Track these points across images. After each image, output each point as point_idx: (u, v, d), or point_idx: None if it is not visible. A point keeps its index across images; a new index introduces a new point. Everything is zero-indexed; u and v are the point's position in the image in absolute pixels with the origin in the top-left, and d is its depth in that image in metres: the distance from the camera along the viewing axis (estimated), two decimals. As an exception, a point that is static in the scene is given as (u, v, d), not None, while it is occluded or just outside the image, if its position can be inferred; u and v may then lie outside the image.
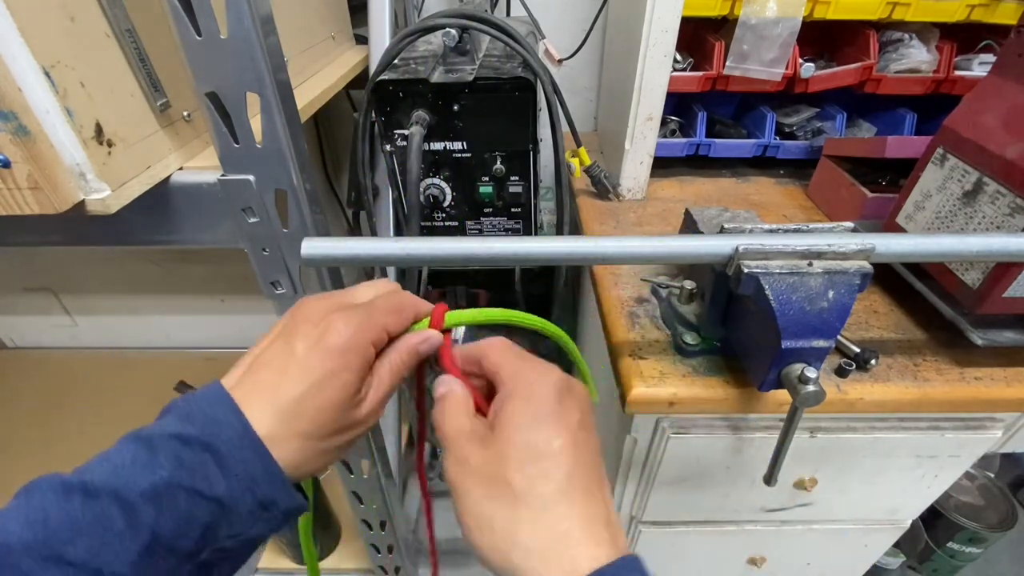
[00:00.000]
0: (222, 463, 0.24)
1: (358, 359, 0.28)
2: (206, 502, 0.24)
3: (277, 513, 0.26)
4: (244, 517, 0.25)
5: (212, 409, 0.25)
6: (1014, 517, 0.97)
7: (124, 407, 1.13)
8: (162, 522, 0.23)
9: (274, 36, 0.40)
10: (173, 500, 0.23)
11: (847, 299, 0.38)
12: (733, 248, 0.38)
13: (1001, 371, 0.49)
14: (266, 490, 0.25)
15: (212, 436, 0.25)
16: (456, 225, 0.67)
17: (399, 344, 0.31)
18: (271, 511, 0.26)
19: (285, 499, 0.26)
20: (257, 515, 0.25)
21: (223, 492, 0.24)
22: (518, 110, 0.58)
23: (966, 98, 0.52)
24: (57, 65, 0.34)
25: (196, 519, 0.24)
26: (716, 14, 0.69)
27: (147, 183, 0.42)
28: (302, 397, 0.26)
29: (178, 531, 0.23)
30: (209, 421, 0.25)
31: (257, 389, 0.26)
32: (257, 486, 0.25)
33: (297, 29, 0.64)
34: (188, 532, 0.23)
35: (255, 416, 0.26)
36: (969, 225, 0.49)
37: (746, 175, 0.86)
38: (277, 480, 0.26)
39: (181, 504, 0.23)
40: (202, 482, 0.24)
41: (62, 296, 1.23)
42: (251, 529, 0.25)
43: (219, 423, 0.25)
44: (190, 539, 0.23)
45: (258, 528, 0.26)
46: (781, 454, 0.45)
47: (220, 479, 0.24)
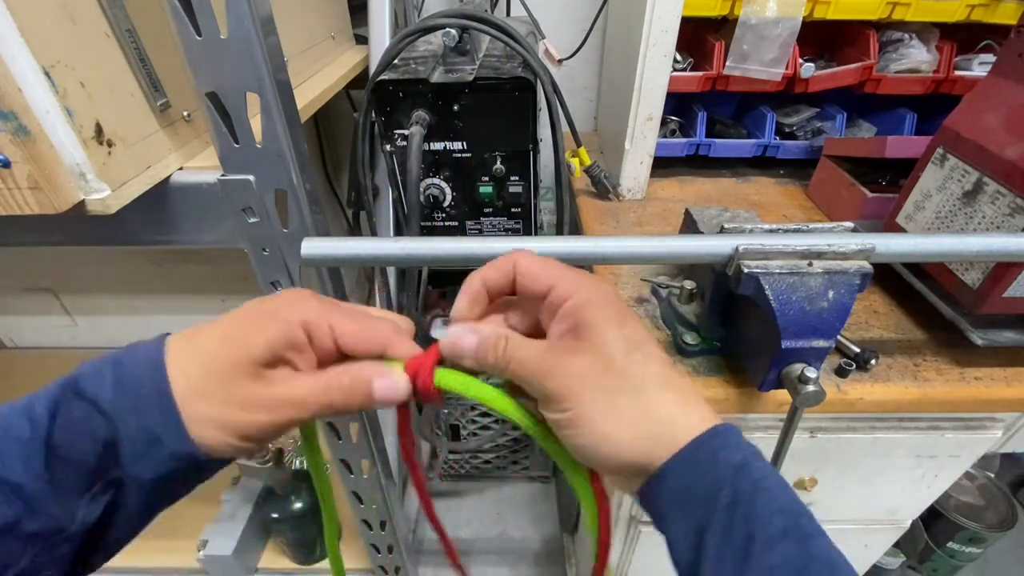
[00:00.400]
0: (121, 378, 0.24)
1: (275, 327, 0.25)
2: (97, 414, 0.23)
3: (163, 452, 0.24)
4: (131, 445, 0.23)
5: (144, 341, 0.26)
6: (1014, 517, 0.97)
7: (124, 407, 1.13)
8: (56, 428, 0.23)
9: (274, 36, 0.40)
10: (67, 408, 0.23)
11: (847, 299, 0.38)
12: (733, 248, 0.38)
13: (1001, 371, 0.49)
14: (154, 419, 0.24)
15: (126, 353, 0.25)
16: (456, 225, 0.67)
17: (349, 364, 0.27)
18: (156, 449, 0.24)
19: (171, 438, 0.24)
20: (142, 449, 0.24)
21: (110, 407, 0.23)
22: (518, 110, 0.58)
23: (966, 98, 0.52)
24: (57, 65, 0.34)
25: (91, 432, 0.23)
26: (716, 14, 0.69)
27: (147, 183, 0.42)
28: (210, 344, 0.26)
29: (73, 439, 0.23)
30: (131, 346, 0.25)
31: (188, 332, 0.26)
32: (145, 412, 0.24)
33: (297, 29, 0.64)
34: (84, 443, 0.23)
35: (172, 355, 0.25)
36: (969, 225, 0.49)
37: (746, 175, 0.86)
38: (166, 410, 0.24)
39: (73, 412, 0.23)
40: (93, 391, 0.23)
41: (62, 296, 1.23)
42: (137, 465, 0.24)
43: (138, 346, 0.25)
44: (88, 452, 0.23)
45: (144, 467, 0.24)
46: (781, 454, 0.45)
47: (111, 392, 0.24)
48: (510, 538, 1.19)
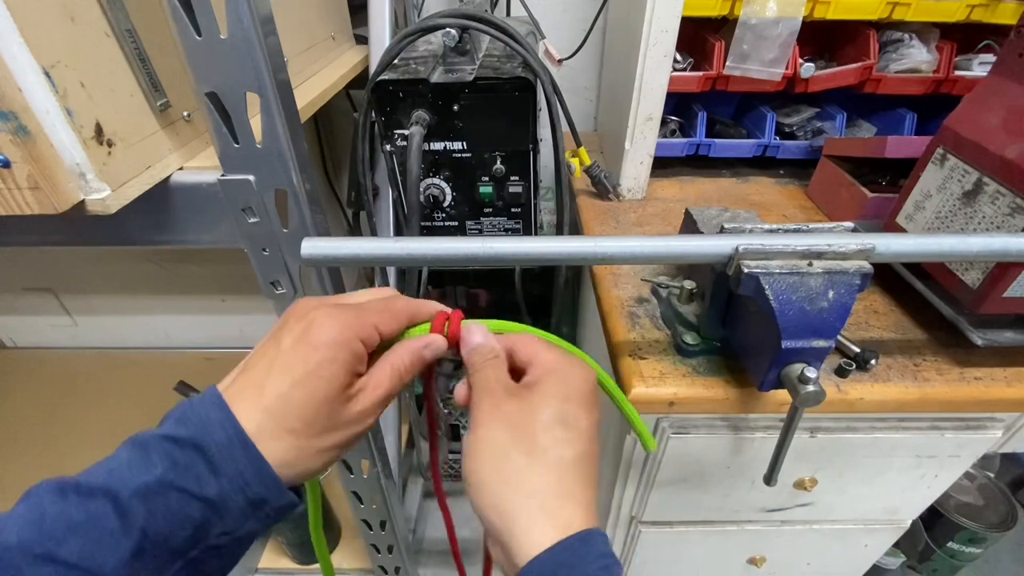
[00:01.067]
0: (212, 463, 0.25)
1: (343, 353, 0.27)
2: (197, 502, 0.24)
3: (268, 511, 0.26)
4: (235, 516, 0.25)
5: (205, 411, 0.26)
6: (1014, 517, 0.97)
7: (124, 407, 1.13)
8: (153, 521, 0.23)
9: (274, 36, 0.40)
10: (164, 499, 0.23)
11: (847, 299, 0.38)
12: (733, 248, 0.38)
13: (1001, 371, 0.49)
14: (257, 489, 0.25)
15: (203, 436, 0.25)
16: (456, 225, 0.67)
17: (400, 346, 0.31)
18: (262, 510, 0.26)
19: (276, 497, 0.26)
20: (248, 514, 0.25)
21: (214, 493, 0.24)
22: (518, 110, 0.58)
23: (966, 98, 0.52)
24: (57, 65, 0.34)
25: (187, 518, 0.24)
26: (716, 14, 0.69)
27: (147, 183, 0.42)
28: (288, 392, 0.26)
29: (169, 530, 0.23)
30: (201, 422, 0.25)
31: (246, 388, 0.27)
32: (248, 486, 0.25)
33: (297, 29, 0.64)
34: (179, 531, 0.24)
35: (244, 415, 0.26)
36: (969, 225, 0.49)
37: (746, 175, 0.86)
38: (268, 479, 0.26)
39: (172, 503, 0.23)
40: (193, 482, 0.24)
41: (62, 296, 1.23)
42: (242, 527, 0.26)
43: (210, 423, 0.25)
44: (181, 538, 0.24)
45: (249, 526, 0.26)
46: (781, 454, 0.45)
47: (211, 479, 0.24)
48: (510, 538, 1.18)
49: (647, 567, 0.74)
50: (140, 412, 1.11)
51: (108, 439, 0.25)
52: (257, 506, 0.26)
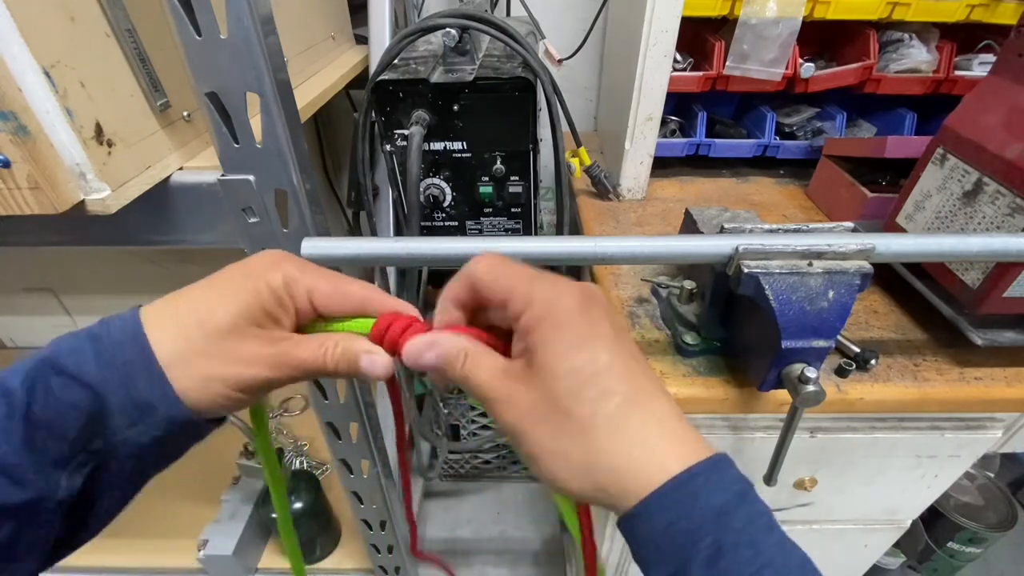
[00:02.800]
0: (100, 351, 0.24)
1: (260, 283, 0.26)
2: (80, 388, 0.23)
3: (157, 419, 0.24)
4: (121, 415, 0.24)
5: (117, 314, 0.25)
6: (1014, 517, 0.97)
7: (124, 407, 1.13)
8: (36, 404, 0.22)
9: (274, 36, 0.40)
10: (46, 382, 0.23)
11: (847, 299, 0.38)
12: (733, 248, 0.38)
13: (1001, 371, 0.49)
14: (143, 388, 0.24)
15: (99, 329, 0.25)
16: (456, 225, 0.67)
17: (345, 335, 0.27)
18: (150, 415, 0.24)
19: (164, 404, 0.24)
20: (134, 417, 0.24)
21: (96, 379, 0.23)
22: (518, 110, 0.58)
23: (966, 98, 0.52)
24: (57, 65, 0.34)
25: (72, 405, 0.23)
26: (716, 14, 0.69)
27: (147, 183, 0.42)
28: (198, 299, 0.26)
29: (55, 415, 0.23)
30: (105, 320, 0.25)
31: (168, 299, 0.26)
32: (133, 382, 0.24)
33: (297, 29, 0.64)
34: (68, 419, 0.23)
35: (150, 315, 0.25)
36: (969, 225, 0.49)
37: (746, 175, 0.86)
38: (156, 382, 0.24)
39: (54, 387, 0.23)
40: (75, 366, 0.23)
41: (62, 296, 1.23)
42: (130, 431, 0.24)
43: (112, 321, 0.25)
44: (71, 425, 0.23)
45: (138, 433, 0.24)
46: (781, 454, 0.45)
47: (92, 363, 0.23)
48: (510, 538, 1.19)
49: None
50: (140, 412, 1.11)
51: None
52: (143, 410, 0.24)
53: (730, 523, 0.20)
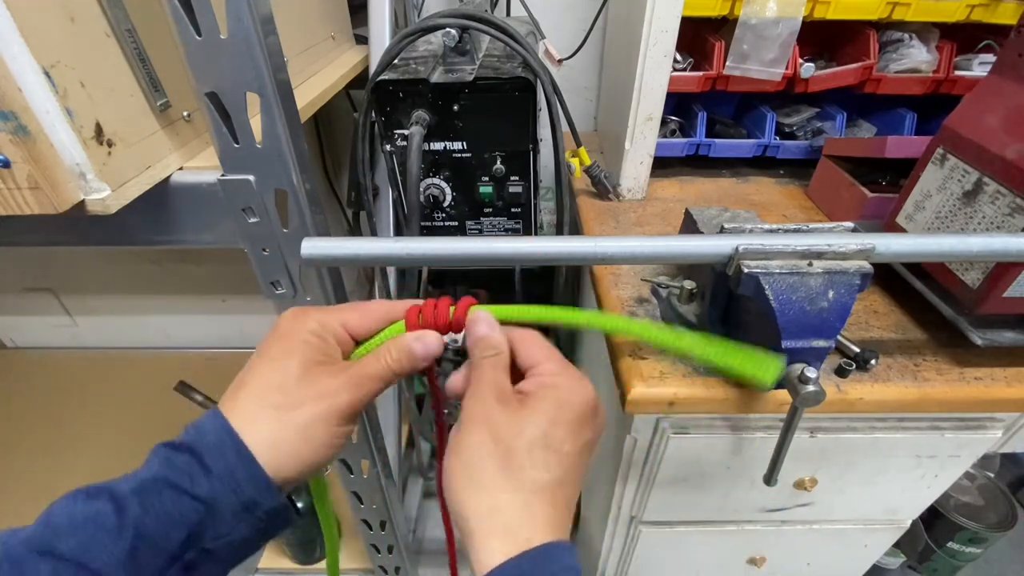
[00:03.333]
0: (204, 463, 0.25)
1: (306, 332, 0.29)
2: (190, 500, 0.24)
3: (260, 515, 0.26)
4: (227, 518, 0.25)
5: (202, 420, 0.27)
6: (1014, 517, 0.97)
7: (124, 407, 1.13)
8: (147, 518, 0.23)
9: (274, 36, 0.40)
10: (158, 497, 0.24)
11: (847, 299, 0.38)
12: (733, 248, 0.38)
13: (1001, 371, 0.49)
14: (247, 490, 0.26)
15: (196, 440, 0.26)
16: (456, 225, 0.67)
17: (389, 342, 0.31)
18: (254, 512, 0.26)
19: (267, 500, 0.26)
20: (240, 516, 0.26)
21: (206, 491, 0.25)
22: (518, 110, 0.58)
23: (966, 98, 0.52)
24: (57, 65, 0.34)
25: (181, 518, 0.24)
26: (716, 14, 0.69)
27: (147, 183, 0.42)
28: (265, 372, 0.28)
29: (163, 529, 0.24)
30: (197, 429, 0.27)
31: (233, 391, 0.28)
32: (239, 486, 0.26)
33: (297, 29, 0.64)
34: (173, 532, 0.24)
35: (233, 411, 0.27)
36: (969, 225, 0.49)
37: (746, 175, 0.86)
38: (259, 481, 0.26)
39: (166, 502, 0.24)
40: (186, 480, 0.25)
41: (62, 296, 1.23)
42: (235, 531, 0.26)
43: (203, 428, 0.27)
44: (175, 539, 0.24)
45: (241, 530, 0.26)
46: (781, 454, 0.45)
47: (202, 477, 0.25)
48: (510, 538, 1.18)
49: (647, 567, 0.74)
50: (140, 412, 1.11)
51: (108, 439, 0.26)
52: (249, 508, 0.26)
53: None
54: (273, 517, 0.27)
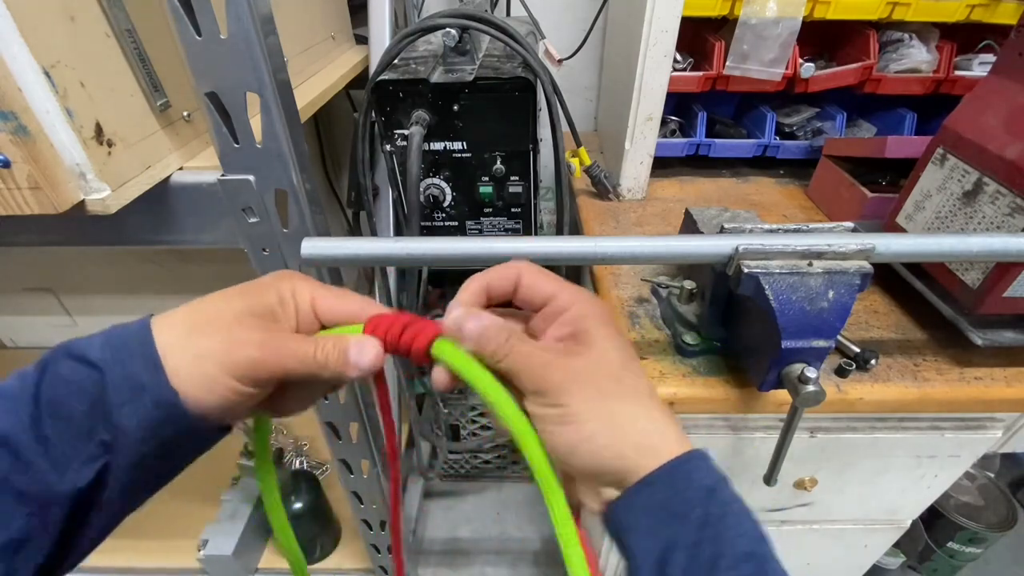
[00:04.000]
0: (108, 337, 0.26)
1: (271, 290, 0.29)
2: (86, 368, 0.24)
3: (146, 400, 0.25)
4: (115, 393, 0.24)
5: None
6: (1014, 517, 0.97)
7: (124, 407, 1.13)
8: (44, 383, 0.24)
9: (274, 36, 0.40)
10: (55, 364, 0.25)
11: (847, 299, 0.38)
12: (733, 248, 0.38)
13: (1001, 371, 0.49)
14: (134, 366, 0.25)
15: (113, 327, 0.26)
16: (456, 225, 0.67)
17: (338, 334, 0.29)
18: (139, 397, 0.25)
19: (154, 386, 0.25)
20: (127, 397, 0.24)
21: (98, 357, 0.25)
22: (518, 110, 0.58)
23: (966, 98, 0.52)
24: (57, 65, 0.34)
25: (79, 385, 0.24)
26: (716, 14, 0.69)
27: (147, 183, 0.42)
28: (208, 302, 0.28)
29: (62, 395, 0.24)
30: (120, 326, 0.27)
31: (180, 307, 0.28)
32: (125, 359, 0.25)
33: (297, 29, 0.64)
34: (74, 398, 0.24)
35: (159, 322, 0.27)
36: (969, 225, 0.49)
37: (746, 175, 0.86)
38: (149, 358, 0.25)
39: (62, 368, 0.24)
40: (82, 347, 0.25)
41: (62, 296, 1.23)
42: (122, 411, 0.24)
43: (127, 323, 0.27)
44: (77, 408, 0.24)
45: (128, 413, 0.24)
46: (781, 454, 0.45)
47: (99, 349, 0.25)
48: (510, 538, 1.19)
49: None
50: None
51: None
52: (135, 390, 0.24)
53: (715, 498, 0.24)
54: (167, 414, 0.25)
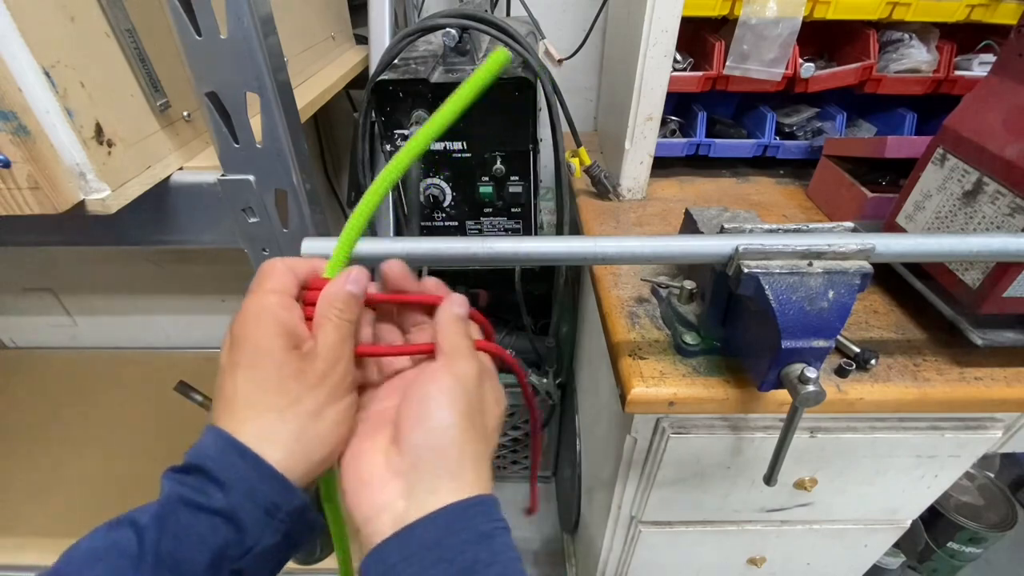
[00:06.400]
0: (214, 476, 0.24)
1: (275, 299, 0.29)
2: (208, 517, 0.24)
3: (282, 517, 0.26)
4: (252, 528, 0.25)
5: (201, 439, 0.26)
6: (1014, 517, 0.97)
7: (124, 407, 1.13)
8: (165, 540, 0.23)
9: (274, 36, 0.40)
10: (176, 518, 0.23)
11: (847, 299, 0.38)
12: (733, 248, 0.38)
13: (1001, 371, 0.49)
14: (266, 493, 0.25)
15: (199, 457, 0.25)
16: (456, 225, 0.67)
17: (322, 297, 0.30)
18: (275, 516, 0.25)
19: (287, 499, 0.26)
20: (264, 523, 0.25)
21: (222, 503, 0.24)
22: (518, 110, 0.58)
23: (966, 98, 0.52)
24: (57, 65, 0.34)
25: (201, 538, 0.23)
26: (716, 14, 0.69)
27: (147, 183, 0.42)
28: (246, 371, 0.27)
29: (185, 551, 0.23)
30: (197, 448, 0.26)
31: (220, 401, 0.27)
32: (254, 490, 0.25)
33: (297, 29, 0.64)
34: (196, 553, 0.23)
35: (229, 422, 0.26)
36: (969, 225, 0.49)
37: (746, 175, 0.86)
38: (274, 481, 0.25)
39: (183, 521, 0.23)
40: (201, 497, 0.24)
41: (62, 296, 1.23)
42: (261, 540, 0.25)
43: (205, 445, 0.26)
44: (200, 561, 0.23)
45: (267, 538, 0.25)
46: (781, 454, 0.45)
47: (216, 490, 0.24)
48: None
49: (647, 567, 0.74)
50: (140, 412, 1.11)
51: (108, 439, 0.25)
52: (270, 512, 0.25)
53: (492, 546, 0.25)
54: (296, 519, 0.26)
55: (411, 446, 0.27)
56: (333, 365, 0.28)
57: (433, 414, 0.27)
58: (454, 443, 0.27)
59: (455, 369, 0.28)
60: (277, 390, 0.26)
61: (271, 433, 0.26)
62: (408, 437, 0.27)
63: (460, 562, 0.24)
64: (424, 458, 0.26)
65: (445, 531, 0.25)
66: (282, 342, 0.27)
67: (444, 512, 0.25)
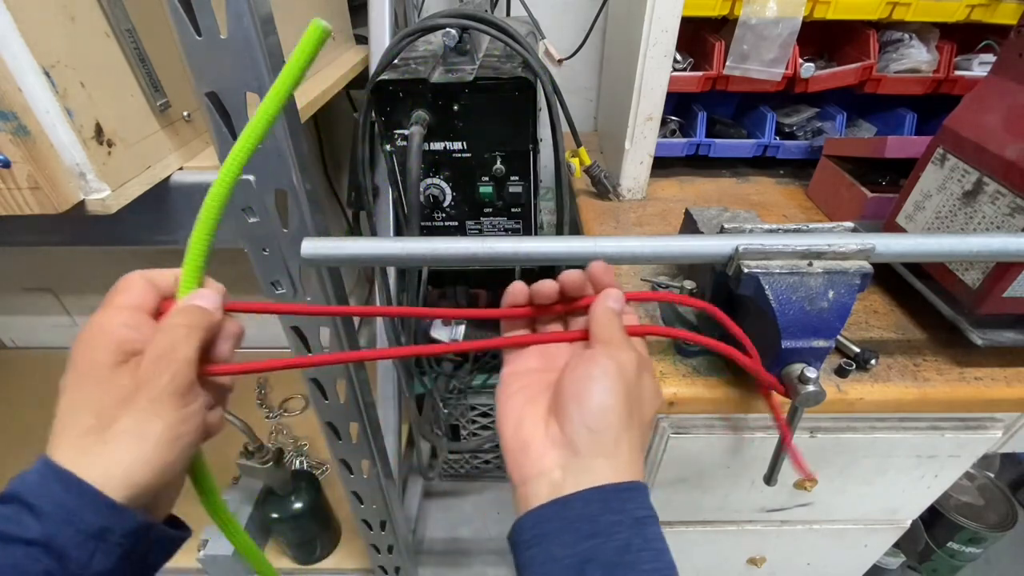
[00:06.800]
0: (29, 503, 0.23)
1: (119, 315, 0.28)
2: (21, 547, 0.22)
3: (117, 539, 0.24)
4: (75, 554, 0.23)
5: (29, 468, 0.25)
6: (1014, 517, 0.97)
7: (124, 407, 1.13)
8: None
9: (274, 36, 0.40)
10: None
11: (847, 299, 0.38)
12: (733, 248, 0.38)
13: (1001, 371, 0.49)
14: (90, 518, 0.23)
15: (19, 486, 0.24)
16: (456, 225, 0.67)
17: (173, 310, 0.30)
18: (108, 540, 0.24)
19: (117, 521, 0.24)
20: (92, 547, 0.23)
21: (38, 533, 0.23)
22: (518, 110, 0.58)
23: (966, 98, 0.52)
24: (57, 65, 0.34)
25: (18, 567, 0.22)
26: (716, 14, 0.69)
27: (147, 183, 0.42)
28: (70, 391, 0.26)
29: None
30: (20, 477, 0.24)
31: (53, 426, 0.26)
32: (74, 515, 0.23)
33: (297, 29, 0.64)
34: None
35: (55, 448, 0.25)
36: (969, 225, 0.49)
37: (746, 175, 0.86)
38: (99, 505, 0.24)
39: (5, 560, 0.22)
40: (12, 527, 0.23)
41: (62, 296, 1.23)
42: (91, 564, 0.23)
43: (26, 474, 0.24)
44: None
45: (99, 562, 0.23)
46: (781, 454, 0.45)
47: (32, 521, 0.23)
48: (510, 538, 1.19)
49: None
50: (140, 412, 1.11)
51: None
52: (100, 536, 0.23)
53: (645, 531, 0.26)
54: (137, 539, 0.24)
55: (570, 421, 0.28)
56: (157, 375, 0.26)
57: (595, 395, 0.28)
58: (611, 426, 0.27)
59: (616, 356, 0.29)
60: (97, 411, 0.25)
61: (92, 456, 0.24)
62: (568, 413, 0.28)
63: (615, 541, 0.25)
64: (582, 436, 0.27)
65: (601, 508, 0.26)
66: (111, 359, 0.26)
67: (601, 491, 0.26)
